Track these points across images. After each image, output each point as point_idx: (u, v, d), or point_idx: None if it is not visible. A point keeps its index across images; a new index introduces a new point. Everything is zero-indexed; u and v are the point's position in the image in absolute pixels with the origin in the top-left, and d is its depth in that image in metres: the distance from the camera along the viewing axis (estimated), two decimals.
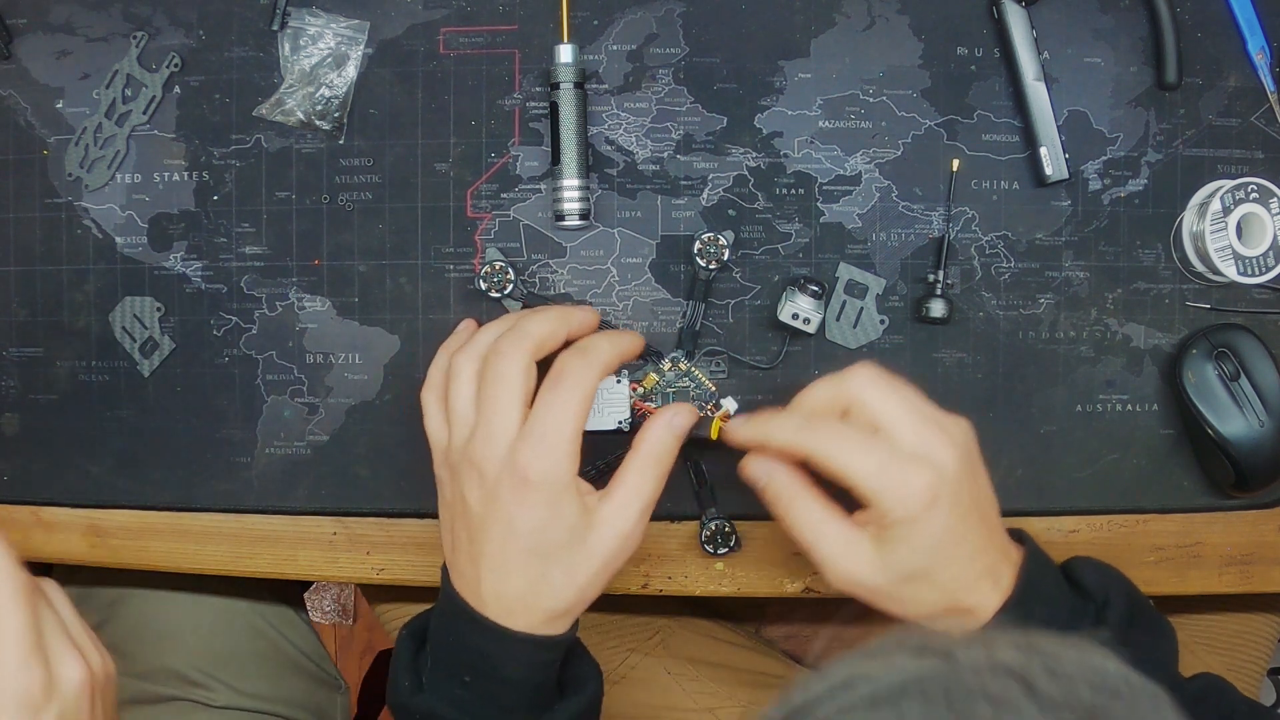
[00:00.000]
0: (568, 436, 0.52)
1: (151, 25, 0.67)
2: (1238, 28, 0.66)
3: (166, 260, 0.68)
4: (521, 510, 0.52)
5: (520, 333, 0.54)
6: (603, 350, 0.54)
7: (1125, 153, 0.66)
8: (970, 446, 0.54)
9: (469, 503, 0.53)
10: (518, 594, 0.53)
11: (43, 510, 0.69)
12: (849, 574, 0.53)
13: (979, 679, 0.29)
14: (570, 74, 0.64)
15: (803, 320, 0.63)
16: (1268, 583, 0.68)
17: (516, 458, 0.51)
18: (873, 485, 0.51)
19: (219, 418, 0.68)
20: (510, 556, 0.53)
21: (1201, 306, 0.66)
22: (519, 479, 0.51)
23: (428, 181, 0.67)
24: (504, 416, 0.52)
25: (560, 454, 0.52)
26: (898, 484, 0.51)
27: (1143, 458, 0.67)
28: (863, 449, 0.52)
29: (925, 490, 0.51)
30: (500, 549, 0.53)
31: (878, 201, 0.66)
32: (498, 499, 0.52)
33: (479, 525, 0.53)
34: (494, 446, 0.52)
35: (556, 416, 0.52)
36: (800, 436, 0.53)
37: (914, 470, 0.51)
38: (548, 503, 0.52)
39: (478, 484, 0.53)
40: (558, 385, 0.53)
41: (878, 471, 0.51)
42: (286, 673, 0.83)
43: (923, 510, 0.51)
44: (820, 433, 0.53)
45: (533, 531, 0.52)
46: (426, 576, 0.69)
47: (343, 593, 1.61)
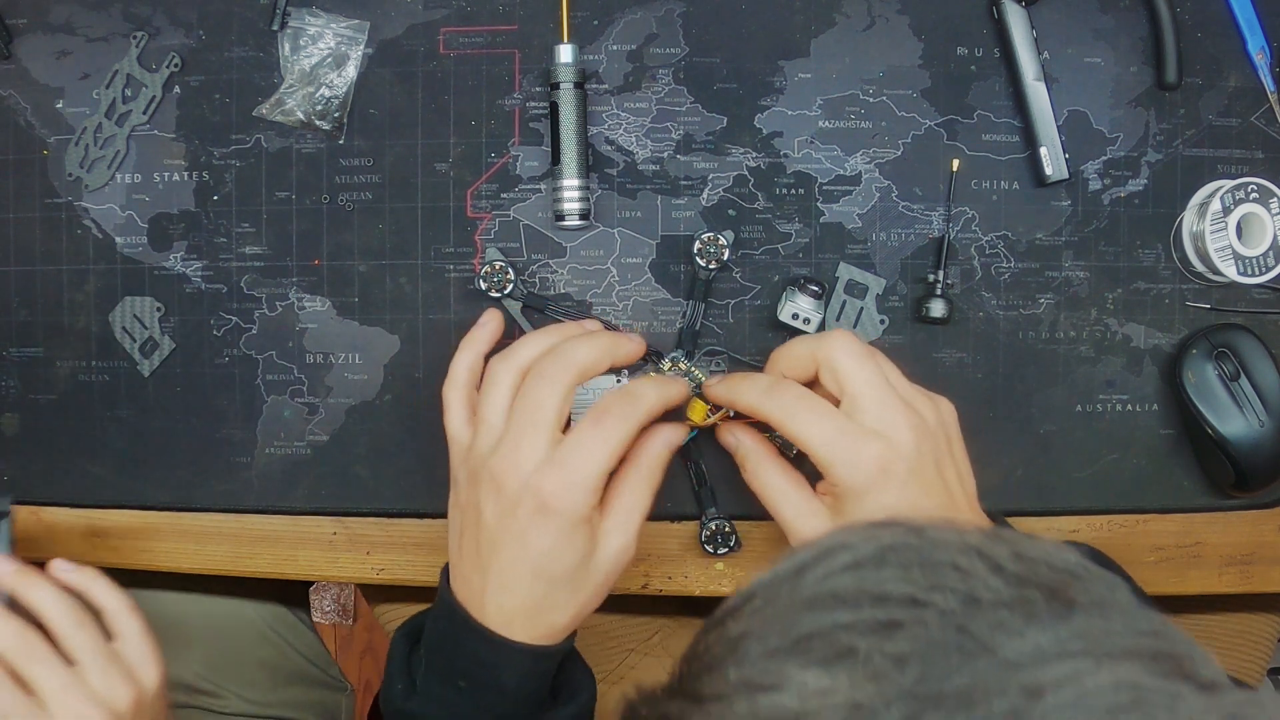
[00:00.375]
0: (596, 474, 0.52)
1: (151, 25, 0.67)
2: (1238, 28, 0.66)
3: (166, 260, 0.68)
4: (537, 534, 0.52)
5: (567, 360, 0.54)
6: (649, 399, 0.54)
7: (1125, 153, 0.66)
8: (941, 426, 0.55)
9: (484, 514, 0.53)
10: (521, 609, 0.53)
11: (43, 510, 0.69)
12: (809, 535, 0.54)
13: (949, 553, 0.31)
14: (570, 74, 0.64)
15: (802, 320, 0.63)
16: (1268, 583, 0.68)
17: (542, 483, 0.52)
18: (825, 454, 0.52)
19: (219, 418, 0.68)
20: (518, 574, 0.53)
21: (1201, 306, 0.66)
22: (539, 504, 0.52)
23: (428, 181, 0.67)
24: (535, 440, 0.52)
25: (586, 490, 0.52)
26: (849, 455, 0.52)
27: (1143, 458, 0.67)
28: (819, 418, 0.52)
29: (874, 462, 0.51)
30: (509, 565, 0.53)
31: (878, 201, 0.66)
32: (514, 518, 0.52)
33: (491, 539, 0.53)
34: (519, 466, 0.52)
35: (591, 454, 0.52)
36: (763, 400, 0.54)
37: (866, 442, 0.52)
38: (564, 532, 0.52)
39: (495, 498, 0.53)
40: (599, 424, 0.53)
41: (831, 441, 0.52)
42: (293, 678, 0.83)
43: (872, 482, 0.51)
44: (781, 398, 0.54)
45: (544, 555, 0.52)
46: (426, 576, 0.68)
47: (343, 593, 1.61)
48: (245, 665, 0.79)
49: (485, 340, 0.61)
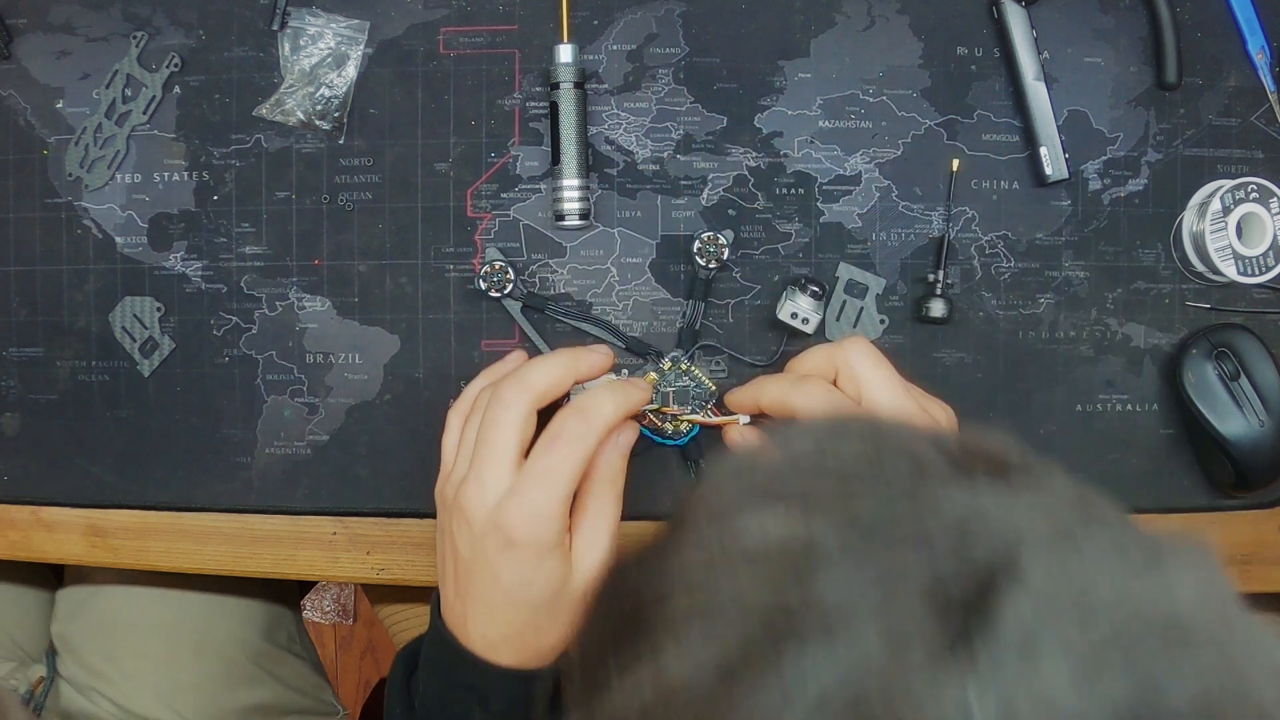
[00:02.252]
0: (557, 500, 0.50)
1: (151, 25, 0.67)
2: (1238, 28, 0.66)
3: (166, 260, 0.68)
4: (507, 566, 0.51)
5: (523, 384, 0.53)
6: (605, 410, 0.52)
7: (1125, 152, 0.66)
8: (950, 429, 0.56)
9: (458, 545, 0.53)
10: (503, 636, 0.52)
11: (43, 510, 0.69)
12: None
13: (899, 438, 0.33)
14: (570, 74, 0.64)
15: (801, 320, 0.63)
16: (1268, 583, 0.68)
17: (503, 517, 0.50)
18: None
19: (219, 418, 0.68)
20: (495, 604, 0.52)
21: (1201, 306, 0.66)
22: (505, 538, 0.50)
23: (428, 181, 0.67)
24: (495, 469, 0.51)
25: (549, 518, 0.50)
26: None
27: (1143, 458, 0.67)
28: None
29: None
30: (486, 595, 0.52)
31: (878, 201, 0.66)
32: (484, 549, 0.51)
33: (466, 569, 0.52)
34: (483, 497, 0.51)
35: (549, 481, 0.50)
36: (789, 393, 0.55)
37: None
38: (533, 561, 0.51)
39: (466, 530, 0.52)
40: (551, 447, 0.51)
41: None
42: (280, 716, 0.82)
43: None
44: (807, 391, 0.54)
45: (517, 585, 0.51)
46: (426, 576, 0.68)
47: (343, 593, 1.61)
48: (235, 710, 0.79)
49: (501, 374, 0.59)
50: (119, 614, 0.78)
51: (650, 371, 0.65)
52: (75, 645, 0.78)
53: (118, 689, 0.76)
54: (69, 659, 0.78)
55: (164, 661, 0.77)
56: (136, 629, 0.77)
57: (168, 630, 0.78)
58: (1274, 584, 0.68)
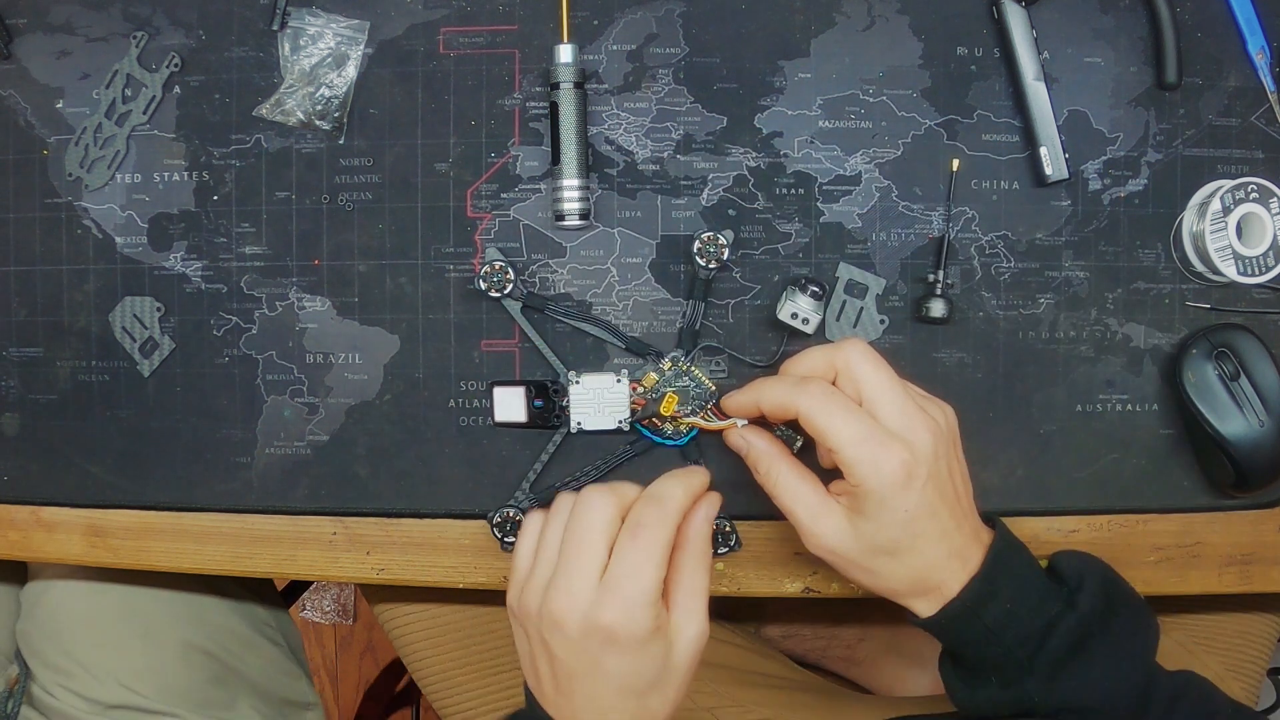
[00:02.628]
0: (650, 590, 0.52)
1: (151, 25, 0.67)
2: (1238, 28, 0.66)
3: (166, 260, 0.68)
4: (613, 662, 0.52)
5: (610, 487, 0.54)
6: (677, 497, 0.54)
7: (1125, 153, 0.66)
8: (950, 430, 0.56)
9: (554, 650, 0.54)
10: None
11: (43, 510, 0.69)
12: (822, 539, 0.55)
13: None
14: (570, 74, 0.64)
15: (801, 320, 0.63)
16: (1268, 583, 0.68)
17: (600, 617, 0.52)
18: (851, 454, 0.52)
19: (219, 418, 0.68)
20: (605, 697, 0.53)
21: (1201, 306, 0.66)
22: (606, 636, 0.52)
23: (428, 181, 0.67)
24: (583, 572, 0.53)
25: (645, 607, 0.52)
26: (875, 457, 0.52)
27: (1143, 458, 0.67)
28: (849, 416, 0.53)
29: (900, 468, 0.52)
30: (594, 693, 0.53)
31: (878, 201, 0.66)
32: (585, 652, 0.53)
33: (568, 672, 0.54)
34: (574, 600, 0.52)
35: (639, 572, 0.52)
36: (793, 394, 0.55)
37: (892, 447, 0.52)
38: (636, 652, 0.52)
39: (562, 636, 0.53)
40: (637, 539, 0.53)
41: (859, 441, 0.52)
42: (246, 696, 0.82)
43: (896, 487, 0.52)
44: (811, 393, 0.54)
45: (625, 676, 0.53)
46: (426, 576, 0.69)
47: (343, 593, 1.61)
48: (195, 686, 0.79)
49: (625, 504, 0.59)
50: (68, 607, 0.78)
51: (650, 371, 0.65)
52: (35, 644, 0.78)
53: (79, 682, 0.76)
54: (32, 658, 0.78)
55: (113, 648, 0.77)
56: (86, 620, 0.77)
57: (113, 617, 0.78)
58: (1274, 584, 0.68)
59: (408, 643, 0.83)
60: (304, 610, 1.61)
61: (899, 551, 0.54)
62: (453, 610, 0.82)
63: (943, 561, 0.54)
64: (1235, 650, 0.81)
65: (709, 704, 0.77)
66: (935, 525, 0.54)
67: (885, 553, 0.54)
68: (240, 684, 0.82)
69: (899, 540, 0.53)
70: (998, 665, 0.56)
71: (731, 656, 0.83)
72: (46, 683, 0.77)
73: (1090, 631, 0.54)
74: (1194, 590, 0.68)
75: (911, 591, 0.56)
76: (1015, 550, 0.57)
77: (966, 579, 0.55)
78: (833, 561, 0.56)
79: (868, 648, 0.97)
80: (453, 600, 0.82)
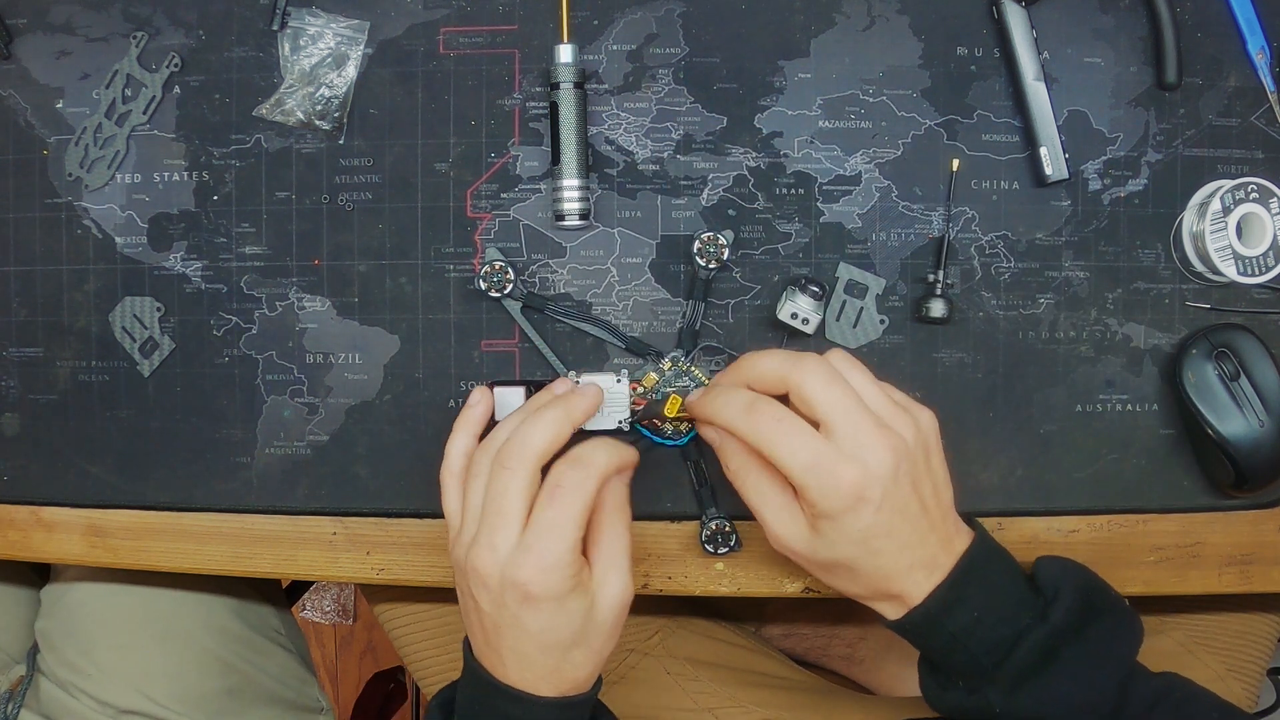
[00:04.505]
0: (565, 550, 0.53)
1: (151, 25, 0.67)
2: (1238, 28, 0.66)
3: (166, 260, 0.68)
4: (530, 618, 0.53)
5: (524, 447, 0.54)
6: (599, 462, 0.54)
7: (1125, 153, 0.66)
8: (922, 441, 0.55)
9: (480, 604, 0.55)
10: (541, 675, 0.55)
11: (43, 510, 0.69)
12: (785, 543, 0.55)
13: None
14: (570, 74, 0.64)
15: (801, 320, 0.63)
16: (1268, 583, 0.68)
17: (517, 573, 0.53)
18: (801, 479, 0.52)
19: (219, 418, 0.68)
20: (527, 651, 0.54)
21: (1201, 306, 0.66)
22: (522, 594, 0.53)
23: (428, 181, 0.67)
24: (504, 531, 0.53)
25: (560, 567, 0.53)
26: (825, 480, 0.52)
27: (1143, 458, 0.67)
28: (797, 442, 0.53)
29: (850, 489, 0.52)
30: (516, 645, 0.54)
31: (878, 201, 0.66)
32: (505, 607, 0.54)
33: (493, 624, 0.55)
34: (495, 557, 0.53)
35: (556, 532, 0.53)
36: (740, 419, 0.54)
37: (843, 468, 0.52)
38: (554, 609, 0.53)
39: (484, 590, 0.54)
40: (553, 499, 0.53)
41: (807, 466, 0.52)
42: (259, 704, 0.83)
43: (846, 508, 0.52)
44: (759, 420, 0.54)
45: (544, 632, 0.54)
46: (426, 576, 0.69)
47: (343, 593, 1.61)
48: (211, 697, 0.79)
49: (476, 422, 0.61)
50: (89, 608, 0.78)
51: (650, 371, 0.65)
52: (54, 641, 0.78)
53: (94, 683, 0.76)
54: (49, 655, 0.78)
55: (132, 651, 0.77)
56: (106, 622, 0.78)
57: (133, 621, 0.78)
58: (1274, 584, 0.68)
59: (408, 643, 0.84)
60: (304, 610, 1.61)
61: (853, 568, 0.54)
62: (453, 610, 0.82)
63: (903, 573, 0.54)
64: (1235, 650, 0.81)
65: (709, 704, 0.77)
66: (892, 542, 0.53)
67: (839, 568, 0.55)
68: (255, 692, 0.83)
69: (855, 557, 0.54)
70: (964, 671, 0.56)
71: (731, 656, 0.83)
72: (61, 680, 0.77)
73: (1061, 643, 0.54)
74: (1194, 590, 0.68)
75: (873, 597, 0.56)
76: (992, 557, 0.56)
77: (931, 587, 0.54)
78: (797, 563, 0.56)
79: (868, 647, 0.97)
80: (453, 600, 0.81)
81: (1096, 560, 0.61)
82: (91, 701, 0.76)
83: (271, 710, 0.83)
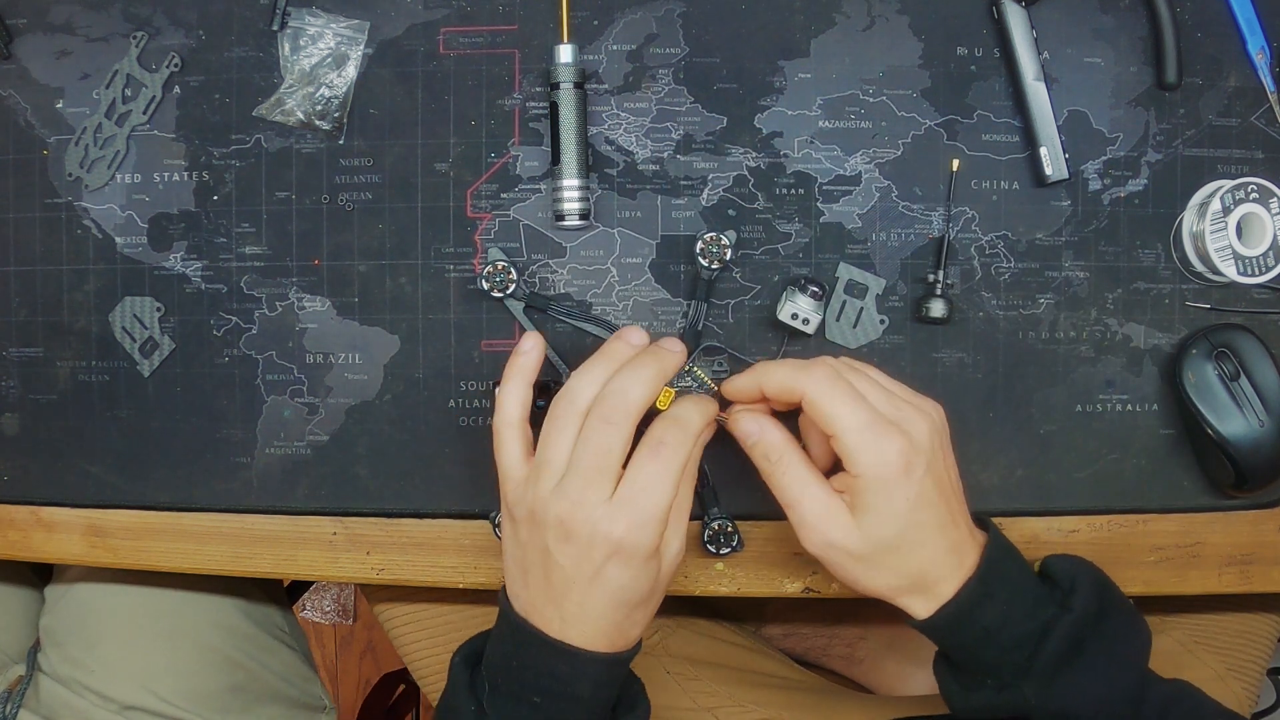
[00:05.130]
0: (664, 508, 0.53)
1: (151, 25, 0.67)
2: (1238, 28, 0.66)
3: (166, 260, 0.68)
4: (615, 573, 0.53)
5: (626, 403, 0.54)
6: (695, 420, 0.55)
7: (1125, 153, 0.66)
8: (941, 425, 0.56)
9: (554, 556, 0.54)
10: (601, 632, 0.55)
11: (43, 510, 0.69)
12: (826, 536, 0.54)
13: None
14: (570, 74, 0.64)
15: (801, 320, 0.63)
16: (1268, 583, 0.68)
17: (613, 528, 0.52)
18: (853, 441, 0.53)
19: (219, 418, 0.68)
20: (598, 607, 0.54)
21: (1201, 306, 0.66)
22: (613, 548, 0.52)
23: (428, 181, 0.67)
24: (601, 485, 0.53)
25: (656, 524, 0.53)
26: (878, 445, 0.52)
27: (1143, 458, 0.67)
28: (852, 403, 0.53)
29: (899, 456, 0.52)
30: (588, 600, 0.54)
31: (878, 201, 0.66)
32: (589, 560, 0.53)
33: (565, 578, 0.54)
34: (588, 513, 0.53)
35: (657, 489, 0.53)
36: (797, 376, 0.54)
37: (892, 435, 0.53)
38: (640, 566, 0.53)
39: (565, 543, 0.53)
40: (658, 456, 0.53)
41: (861, 427, 0.52)
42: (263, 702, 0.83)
43: (898, 476, 0.52)
44: (816, 376, 0.54)
45: (623, 589, 0.54)
46: (426, 576, 0.69)
47: (343, 593, 1.61)
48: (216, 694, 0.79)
49: (531, 369, 0.59)
50: (95, 605, 0.78)
51: None
52: (59, 637, 0.78)
53: (98, 678, 0.76)
54: (53, 651, 0.78)
55: (137, 647, 0.77)
56: (112, 618, 0.78)
57: (139, 617, 0.78)
58: (1274, 584, 0.68)
59: (408, 643, 0.84)
60: (304, 610, 1.61)
61: (902, 545, 0.54)
62: (453, 610, 0.82)
63: (943, 556, 0.54)
64: (1235, 650, 0.81)
65: (709, 704, 0.77)
66: (934, 517, 0.54)
67: (889, 547, 0.54)
68: (260, 690, 0.83)
69: (903, 532, 0.53)
70: (994, 668, 0.56)
71: (731, 656, 0.83)
72: (64, 678, 0.77)
73: (1085, 634, 0.54)
74: (1194, 590, 0.68)
75: (911, 588, 0.55)
76: (1008, 553, 0.57)
77: (963, 579, 0.55)
78: (831, 558, 0.55)
79: (868, 646, 0.97)
80: (453, 600, 0.82)
81: (1096, 560, 0.61)
82: (95, 697, 0.76)
83: (276, 708, 0.83)
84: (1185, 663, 0.80)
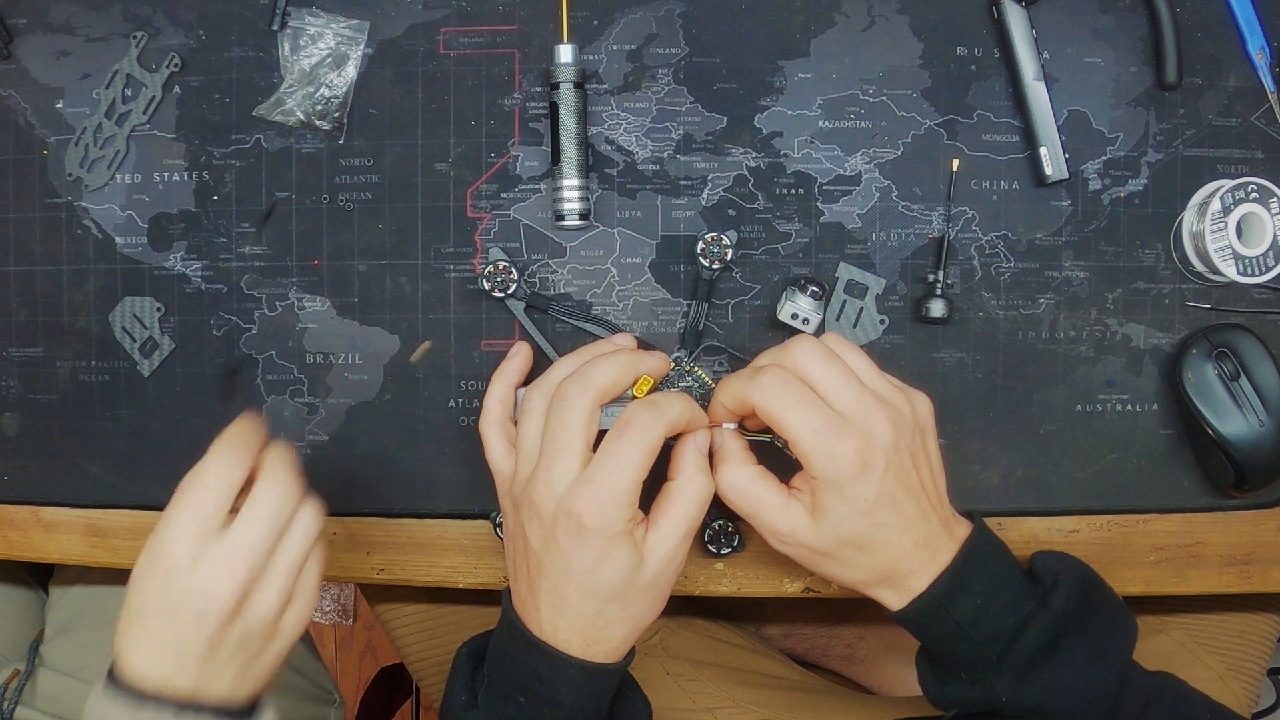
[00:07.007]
0: (626, 488, 0.52)
1: (151, 25, 0.67)
2: (1238, 28, 0.66)
3: (166, 260, 0.68)
4: (577, 553, 0.53)
5: (587, 381, 0.54)
6: (674, 409, 0.54)
7: (1125, 153, 0.66)
8: (917, 420, 0.55)
9: (529, 539, 0.55)
10: (574, 627, 0.54)
11: (43, 510, 0.69)
12: (788, 536, 0.55)
13: None
14: (570, 74, 0.64)
15: (802, 320, 0.63)
16: (1268, 583, 0.68)
17: (574, 504, 0.52)
18: (808, 445, 0.52)
19: (219, 418, 0.68)
20: (567, 593, 0.54)
21: (1201, 306, 0.66)
22: (575, 524, 0.52)
23: (428, 181, 0.67)
24: (564, 463, 0.53)
25: (617, 504, 0.52)
26: (831, 448, 0.52)
27: (1143, 458, 0.67)
28: (804, 406, 0.53)
29: (855, 455, 0.52)
30: (557, 585, 0.54)
31: (878, 201, 0.66)
32: (555, 539, 0.53)
33: (538, 562, 0.54)
34: (552, 489, 0.53)
35: (618, 467, 0.52)
36: (747, 387, 0.54)
37: (848, 437, 0.52)
38: (602, 548, 0.53)
39: (536, 523, 0.54)
40: (622, 436, 0.53)
41: (814, 432, 0.52)
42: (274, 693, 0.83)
43: (852, 477, 0.52)
44: (764, 384, 0.54)
45: (587, 572, 0.53)
46: (426, 576, 0.69)
47: (343, 593, 1.61)
48: None
49: (515, 372, 0.62)
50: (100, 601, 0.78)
51: None
52: (68, 625, 0.78)
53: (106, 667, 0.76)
54: (61, 641, 0.78)
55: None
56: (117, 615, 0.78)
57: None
58: (1274, 584, 0.68)
59: (408, 643, 0.84)
60: None
61: (866, 542, 0.54)
62: (453, 610, 0.82)
63: (911, 552, 0.54)
64: (1235, 650, 0.81)
65: (709, 704, 0.77)
66: (896, 515, 0.53)
67: (851, 544, 0.54)
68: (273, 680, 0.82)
69: (863, 531, 0.53)
70: (967, 662, 0.56)
71: (731, 656, 0.83)
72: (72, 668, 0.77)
73: (1063, 631, 0.54)
74: (1194, 590, 0.68)
75: (880, 581, 0.55)
76: (992, 548, 0.57)
77: (936, 572, 0.54)
78: (799, 556, 0.56)
79: (868, 646, 0.97)
80: (453, 600, 0.82)
81: (1096, 560, 0.61)
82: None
83: (287, 699, 0.83)
84: (1185, 663, 0.80)
